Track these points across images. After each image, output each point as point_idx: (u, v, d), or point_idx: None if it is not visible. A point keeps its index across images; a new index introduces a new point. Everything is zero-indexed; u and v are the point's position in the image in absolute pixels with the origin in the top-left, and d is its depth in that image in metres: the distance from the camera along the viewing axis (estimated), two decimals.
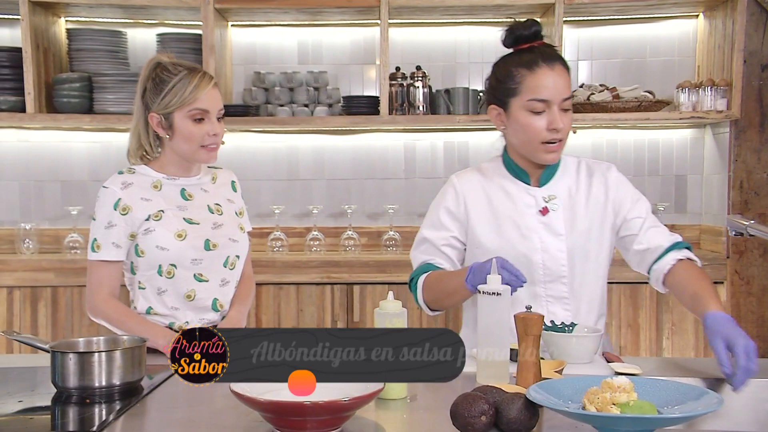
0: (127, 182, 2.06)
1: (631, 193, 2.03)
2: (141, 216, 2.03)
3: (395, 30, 3.78)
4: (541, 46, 1.98)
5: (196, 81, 2.02)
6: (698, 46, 3.75)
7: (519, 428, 1.30)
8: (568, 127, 1.93)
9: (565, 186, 2.01)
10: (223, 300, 2.13)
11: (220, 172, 2.28)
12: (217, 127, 2.06)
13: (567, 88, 1.93)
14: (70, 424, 1.43)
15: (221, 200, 2.19)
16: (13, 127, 3.66)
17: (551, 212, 1.98)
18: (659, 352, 3.48)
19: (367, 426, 1.38)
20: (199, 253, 2.07)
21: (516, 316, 1.49)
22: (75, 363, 1.50)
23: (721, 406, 1.24)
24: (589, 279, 2.00)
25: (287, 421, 1.32)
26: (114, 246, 2.02)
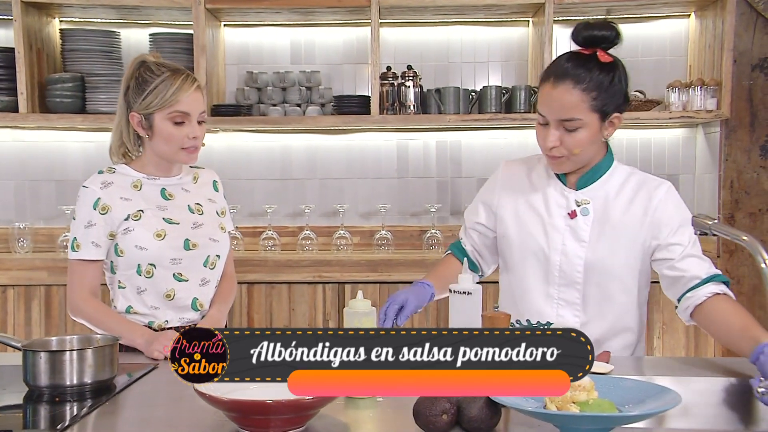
0: (106, 182, 2.06)
1: (677, 218, 1.89)
2: (120, 215, 2.03)
3: (387, 30, 3.79)
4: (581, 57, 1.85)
5: (178, 83, 2.00)
6: (690, 46, 3.74)
7: (480, 426, 1.31)
8: (575, 146, 1.84)
9: (603, 194, 1.94)
10: (202, 299, 2.13)
11: (202, 171, 2.28)
12: (197, 130, 2.05)
13: (566, 110, 1.81)
14: (41, 422, 1.45)
15: (202, 200, 2.19)
16: (7, 127, 3.68)
17: (579, 217, 1.93)
18: (650, 351, 3.48)
19: (332, 424, 1.39)
20: (179, 253, 2.07)
21: (483, 316, 1.50)
22: (46, 362, 1.51)
23: (678, 404, 1.25)
24: (609, 293, 1.93)
25: (251, 420, 1.33)
26: (93, 245, 2.03)
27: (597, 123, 1.83)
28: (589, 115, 1.81)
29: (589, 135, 1.83)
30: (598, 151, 1.92)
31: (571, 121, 1.81)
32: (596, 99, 1.80)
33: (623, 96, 1.86)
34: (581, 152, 1.85)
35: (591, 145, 1.86)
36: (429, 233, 3.67)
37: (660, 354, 3.47)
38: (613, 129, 1.88)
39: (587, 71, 1.80)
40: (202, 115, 2.07)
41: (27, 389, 1.56)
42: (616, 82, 1.83)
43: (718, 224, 1.42)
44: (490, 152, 3.84)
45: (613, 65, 1.85)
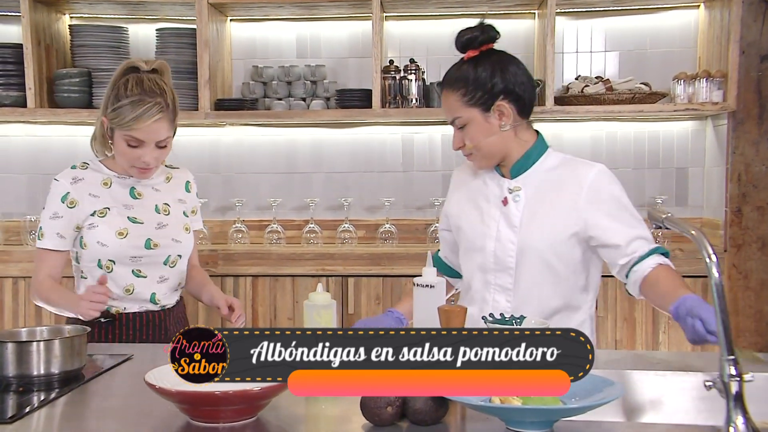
0: (77, 177, 2.13)
1: (609, 200, 1.94)
2: (87, 211, 2.11)
3: (392, 23, 3.79)
4: (457, 63, 2.00)
5: (139, 112, 2.01)
6: (699, 37, 3.68)
7: (425, 419, 1.31)
8: (469, 141, 1.96)
9: (536, 180, 1.99)
10: (160, 294, 2.20)
11: (176, 171, 2.32)
12: (149, 155, 2.07)
13: (451, 111, 1.96)
14: (8, 411, 1.48)
15: (171, 200, 2.24)
16: (17, 122, 3.76)
17: (511, 203, 1.99)
18: (655, 346, 3.44)
19: (283, 415, 1.41)
20: (139, 251, 2.13)
21: (439, 309, 1.50)
22: (12, 352, 1.55)
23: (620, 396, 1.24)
24: (541, 277, 1.97)
25: (201, 411, 1.35)
26: (57, 236, 2.10)
27: (480, 115, 1.93)
28: (467, 111, 1.93)
29: (479, 128, 1.93)
30: (517, 140, 1.98)
31: (457, 120, 1.95)
32: (465, 95, 1.92)
33: (500, 84, 1.92)
34: (482, 145, 1.95)
35: (489, 137, 1.94)
36: (433, 227, 3.66)
37: (666, 349, 3.44)
38: (507, 118, 1.94)
39: (456, 71, 1.96)
40: (165, 141, 2.09)
41: None
42: (481, 73, 1.92)
43: (671, 218, 1.40)
44: None
45: (477, 59, 1.95)
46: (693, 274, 3.36)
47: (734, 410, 1.23)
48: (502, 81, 1.92)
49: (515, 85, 1.94)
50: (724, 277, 3.42)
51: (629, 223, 1.92)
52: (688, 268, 3.35)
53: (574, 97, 3.47)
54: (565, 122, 3.73)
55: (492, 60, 1.96)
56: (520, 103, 1.96)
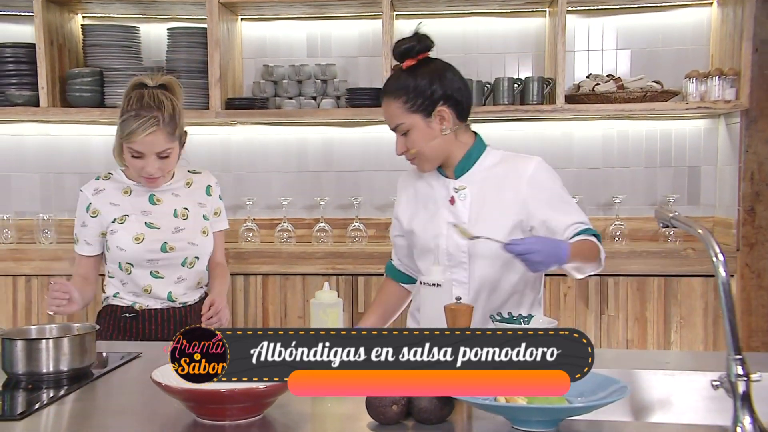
0: (99, 188, 2.32)
1: (547, 191, 2.05)
2: (109, 218, 2.29)
3: (403, 22, 3.78)
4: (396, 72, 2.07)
5: (134, 127, 2.15)
6: (712, 35, 3.66)
7: (430, 418, 1.31)
8: (412, 146, 2.04)
9: (479, 178, 2.09)
10: (177, 293, 2.34)
11: (197, 176, 2.44)
12: (151, 166, 2.20)
13: (393, 119, 2.04)
14: (17, 409, 1.50)
15: (191, 204, 2.36)
16: (30, 121, 3.78)
17: (458, 202, 2.08)
18: (667, 345, 3.43)
19: (289, 413, 1.41)
20: (155, 255, 2.28)
21: (445, 308, 1.50)
22: (22, 350, 1.56)
23: (625, 396, 1.24)
24: (494, 269, 2.05)
25: (207, 409, 1.36)
26: (86, 243, 2.32)
27: (422, 121, 2.01)
28: (410, 118, 2.01)
29: (422, 133, 2.02)
30: (457, 142, 2.07)
31: (399, 126, 2.03)
32: (407, 102, 2.00)
33: (439, 90, 2.00)
34: (425, 150, 2.03)
35: (431, 141, 2.02)
36: None
37: (678, 349, 3.42)
38: (448, 122, 2.02)
39: (395, 80, 2.04)
40: (166, 152, 2.21)
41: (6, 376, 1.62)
42: (420, 81, 2.00)
43: (678, 216, 1.39)
44: (506, 144, 3.75)
45: (416, 67, 2.03)
46: (705, 273, 3.35)
47: (741, 410, 1.23)
48: (440, 87, 2.01)
49: (453, 90, 2.03)
50: (736, 276, 3.40)
51: (566, 210, 2.04)
52: (700, 267, 3.34)
53: (585, 95, 3.46)
54: (576, 121, 3.72)
55: (430, 68, 2.04)
56: (458, 108, 2.04)
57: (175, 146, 2.24)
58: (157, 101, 2.19)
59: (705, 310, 3.39)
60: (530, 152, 3.68)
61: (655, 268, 3.38)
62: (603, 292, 3.42)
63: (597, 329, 3.43)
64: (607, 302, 3.43)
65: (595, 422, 1.33)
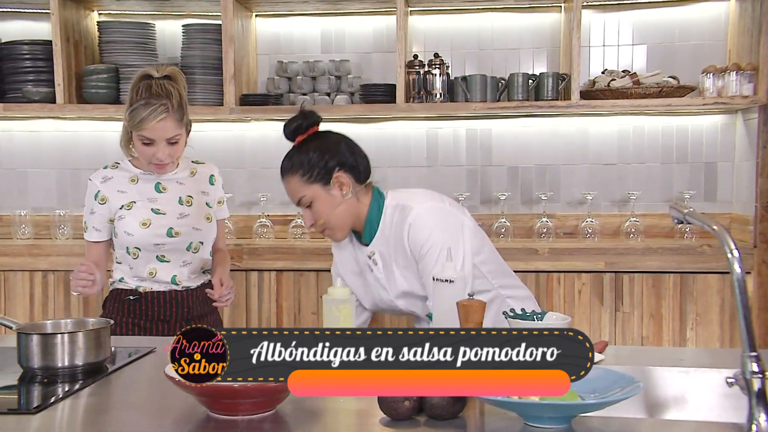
0: (107, 177, 2.41)
1: (423, 240, 2.07)
2: (117, 205, 2.38)
3: (417, 18, 3.78)
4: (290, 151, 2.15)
5: (145, 114, 2.23)
6: (729, 30, 3.63)
7: (442, 414, 1.31)
8: (319, 217, 2.11)
9: (384, 239, 2.15)
10: (181, 277, 2.43)
11: (201, 166, 2.54)
12: (162, 152, 2.29)
13: (295, 193, 2.12)
14: (33, 403, 1.51)
15: (195, 192, 2.46)
16: (47, 117, 3.81)
17: (374, 269, 2.18)
18: (683, 342, 3.41)
19: (301, 408, 1.42)
20: (162, 239, 2.38)
21: (458, 304, 1.50)
22: (37, 344, 1.57)
23: (638, 393, 1.23)
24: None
25: (220, 404, 1.36)
26: (95, 230, 2.41)
27: (321, 190, 2.09)
28: (310, 189, 2.09)
29: (325, 202, 2.09)
30: (361, 205, 2.14)
31: (302, 199, 2.11)
32: (304, 174, 2.08)
33: (332, 159, 2.09)
34: (332, 217, 2.10)
35: (336, 209, 2.09)
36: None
37: (693, 346, 3.40)
38: (347, 186, 2.10)
39: (290, 158, 2.11)
40: (174, 138, 2.30)
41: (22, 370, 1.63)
42: (313, 154, 2.08)
43: (692, 213, 1.38)
44: (521, 140, 3.80)
45: (307, 141, 2.10)
46: (721, 270, 3.33)
47: (757, 407, 1.22)
48: (333, 156, 2.09)
49: (346, 157, 2.11)
50: (753, 273, 3.37)
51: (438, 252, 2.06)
52: (716, 264, 3.32)
53: (601, 91, 3.44)
54: (591, 116, 3.70)
55: (321, 140, 2.12)
56: (355, 172, 2.13)
57: (182, 133, 2.33)
58: (165, 90, 2.28)
59: (721, 307, 3.37)
60: (544, 148, 3.75)
61: (670, 265, 3.36)
62: (618, 289, 3.41)
63: (612, 326, 3.42)
64: (622, 299, 3.41)
65: (608, 419, 1.32)
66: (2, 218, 3.87)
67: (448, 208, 2.16)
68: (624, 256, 3.38)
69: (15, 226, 3.77)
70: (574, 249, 3.41)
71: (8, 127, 3.93)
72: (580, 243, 3.52)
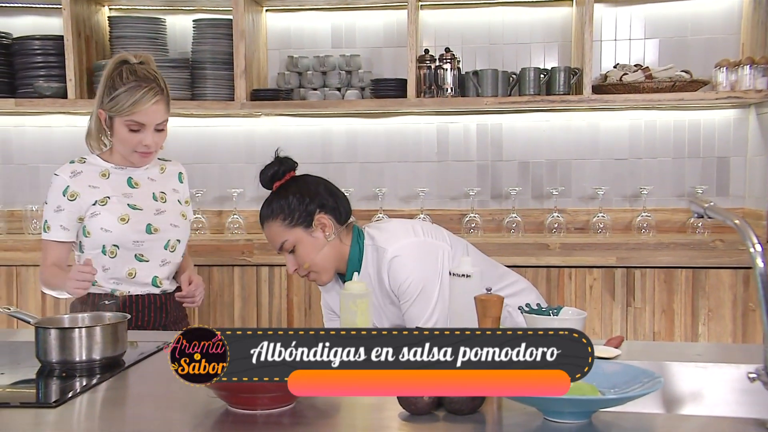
0: (76, 171, 2.25)
1: (402, 279, 2.07)
2: (88, 201, 2.22)
3: (428, 12, 3.77)
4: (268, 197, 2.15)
5: (138, 96, 2.14)
6: (743, 23, 3.61)
7: (461, 408, 1.31)
8: (303, 261, 2.11)
9: (366, 277, 2.12)
10: (162, 277, 2.31)
11: (169, 164, 2.44)
12: (150, 138, 2.19)
13: (277, 238, 2.10)
14: (51, 397, 1.51)
15: (167, 189, 2.36)
16: (58, 113, 3.82)
17: None
18: (695, 338, 3.39)
19: (320, 402, 1.42)
20: (141, 236, 2.25)
21: (475, 298, 1.50)
22: (55, 338, 1.58)
23: (659, 388, 1.23)
24: None
25: (239, 398, 1.36)
26: (62, 228, 2.22)
27: (304, 233, 2.08)
28: (292, 233, 2.08)
29: (309, 245, 2.08)
30: (344, 245, 2.12)
31: (284, 244, 2.09)
32: (285, 219, 2.08)
33: (312, 202, 2.09)
34: (317, 261, 2.09)
35: (320, 251, 2.09)
36: (468, 217, 3.66)
37: (706, 341, 3.39)
38: (330, 227, 2.09)
39: (269, 204, 2.11)
40: (162, 124, 2.22)
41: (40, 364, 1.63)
42: (293, 198, 2.08)
43: (713, 207, 1.38)
44: (531, 135, 3.79)
45: (286, 186, 2.11)
46: (733, 266, 3.31)
47: None
48: (313, 199, 2.09)
49: (326, 198, 2.11)
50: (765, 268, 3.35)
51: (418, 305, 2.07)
52: (728, 259, 3.30)
53: (613, 85, 3.42)
54: (603, 111, 3.69)
55: (298, 184, 2.13)
56: (335, 213, 2.12)
57: (167, 119, 2.24)
58: (152, 74, 2.20)
59: (733, 303, 3.36)
60: (555, 143, 3.74)
61: (682, 260, 3.35)
62: (630, 284, 3.40)
63: (623, 321, 3.41)
64: (633, 294, 3.40)
65: (626, 414, 1.32)
66: (14, 213, 3.87)
67: (422, 240, 2.14)
68: (636, 251, 3.37)
69: (27, 221, 3.77)
70: (586, 244, 3.40)
71: (20, 122, 3.94)
72: (591, 238, 3.51)
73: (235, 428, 1.33)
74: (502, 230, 3.63)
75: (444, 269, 2.07)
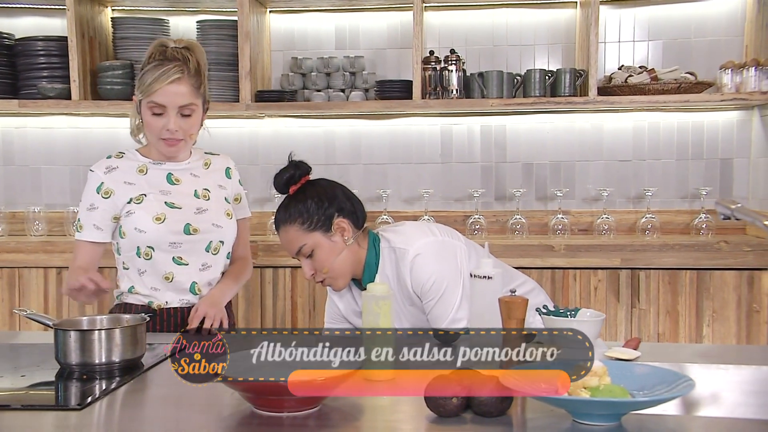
0: (111, 167, 2.12)
1: (425, 278, 2.06)
2: (123, 199, 2.09)
3: (432, 14, 3.77)
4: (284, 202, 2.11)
5: (157, 74, 2.01)
6: (747, 25, 3.62)
7: (490, 410, 1.30)
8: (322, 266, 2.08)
9: (384, 279, 2.08)
10: (201, 284, 2.16)
11: (216, 158, 2.29)
12: (173, 123, 2.04)
13: (295, 243, 2.07)
14: (71, 399, 1.50)
15: (211, 186, 2.21)
16: (61, 114, 3.80)
17: None
18: (699, 339, 3.40)
19: (346, 405, 1.41)
20: (178, 237, 2.10)
21: (500, 300, 1.49)
22: (75, 340, 1.57)
23: (690, 391, 1.22)
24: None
25: (265, 400, 1.35)
26: (95, 228, 2.09)
27: (323, 237, 2.06)
28: (311, 237, 2.05)
29: (327, 250, 2.06)
30: (361, 250, 2.11)
31: (303, 248, 2.06)
32: (303, 223, 2.05)
33: (330, 206, 2.07)
34: (335, 266, 2.06)
35: (338, 255, 2.06)
36: (472, 218, 3.66)
37: (710, 342, 3.39)
38: (348, 232, 2.07)
39: (286, 208, 2.07)
40: (187, 108, 2.06)
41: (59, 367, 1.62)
42: (309, 202, 2.05)
43: (741, 208, 1.38)
44: (535, 137, 3.80)
45: (302, 190, 2.08)
46: (737, 267, 3.32)
47: None
48: (332, 203, 2.07)
49: (344, 202, 2.09)
50: None
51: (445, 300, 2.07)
52: (733, 261, 3.31)
53: (618, 87, 3.43)
54: (607, 113, 3.70)
55: (315, 188, 2.10)
56: (353, 217, 2.10)
57: (198, 104, 2.09)
58: (182, 55, 2.06)
59: (738, 304, 3.36)
60: (559, 144, 3.75)
61: (687, 261, 3.35)
62: (634, 285, 3.40)
63: (628, 322, 3.41)
64: (638, 295, 3.40)
65: (655, 417, 1.31)
66: (16, 215, 3.85)
67: (440, 239, 2.14)
68: (640, 252, 3.37)
69: (29, 223, 3.75)
70: (590, 246, 3.40)
71: (23, 123, 3.92)
72: (595, 240, 3.52)
73: (261, 431, 1.32)
74: (507, 232, 3.63)
75: (464, 268, 2.07)
